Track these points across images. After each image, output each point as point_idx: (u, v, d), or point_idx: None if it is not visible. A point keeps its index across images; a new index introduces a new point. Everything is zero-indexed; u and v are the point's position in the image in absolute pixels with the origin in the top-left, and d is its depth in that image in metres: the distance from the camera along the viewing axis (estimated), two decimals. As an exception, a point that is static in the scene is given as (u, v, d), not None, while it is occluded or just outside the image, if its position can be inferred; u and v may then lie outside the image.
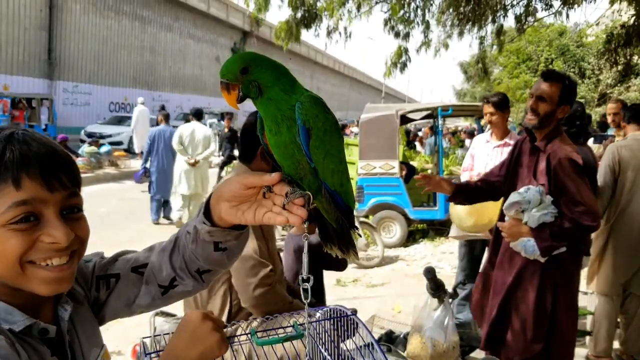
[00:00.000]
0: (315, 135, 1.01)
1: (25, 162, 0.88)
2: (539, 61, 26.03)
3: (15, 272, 0.90)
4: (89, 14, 22.75)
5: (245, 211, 0.99)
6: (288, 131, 1.01)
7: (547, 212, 2.58)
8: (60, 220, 0.91)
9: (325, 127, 1.03)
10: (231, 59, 1.02)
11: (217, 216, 1.02)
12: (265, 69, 1.02)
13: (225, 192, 0.99)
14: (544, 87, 2.86)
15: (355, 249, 1.17)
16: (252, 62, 1.01)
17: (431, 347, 2.02)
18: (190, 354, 0.96)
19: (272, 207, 0.98)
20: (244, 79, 1.00)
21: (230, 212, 1.00)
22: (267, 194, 0.99)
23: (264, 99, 1.01)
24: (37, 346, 0.93)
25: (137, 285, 1.13)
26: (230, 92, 1.00)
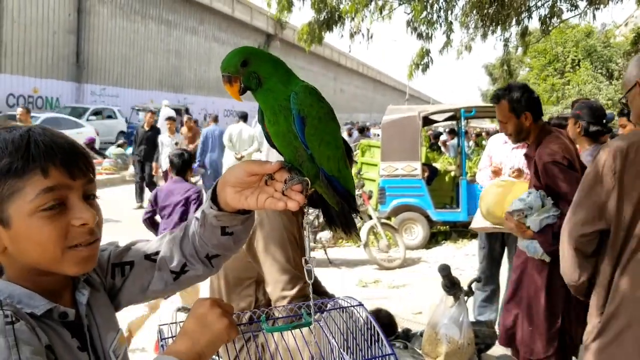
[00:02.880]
0: (309, 123, 1.06)
1: (50, 153, 0.95)
2: (565, 62, 25.69)
3: (54, 257, 0.97)
4: (116, 17, 23.16)
5: (248, 197, 1.05)
6: (285, 120, 1.06)
7: (549, 215, 2.59)
8: (84, 203, 0.99)
9: (320, 115, 1.07)
10: (231, 53, 1.08)
11: (223, 201, 1.08)
12: (263, 61, 1.07)
13: (230, 178, 1.06)
14: (497, 111, 3.01)
15: (357, 230, 1.23)
16: (251, 55, 1.07)
17: (446, 344, 2.05)
18: (201, 338, 1.00)
19: (273, 193, 1.04)
20: (245, 71, 1.06)
21: (235, 197, 1.06)
22: (269, 181, 1.05)
23: (263, 90, 1.07)
24: (58, 328, 0.99)
25: (151, 272, 1.18)
26: (233, 85, 1.06)
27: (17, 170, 0.93)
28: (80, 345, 1.02)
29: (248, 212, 1.12)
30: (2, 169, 0.93)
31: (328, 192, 1.15)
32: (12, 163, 0.93)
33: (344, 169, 1.15)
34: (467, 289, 2.36)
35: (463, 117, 8.19)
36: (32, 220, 0.94)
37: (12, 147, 0.94)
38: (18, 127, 1.00)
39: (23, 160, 0.93)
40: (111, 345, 1.11)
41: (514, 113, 2.92)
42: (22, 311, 0.94)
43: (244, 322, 1.27)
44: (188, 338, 1.00)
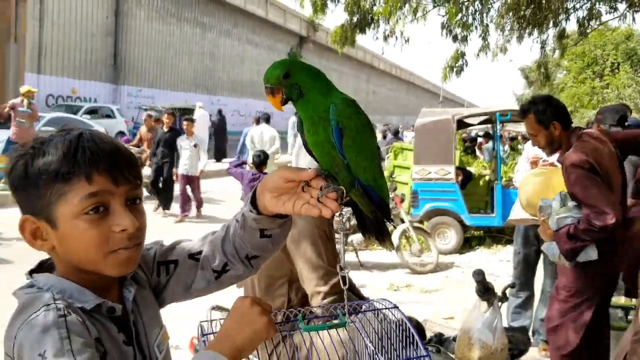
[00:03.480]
0: (347, 134, 1.09)
1: (95, 159, 0.99)
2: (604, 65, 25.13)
3: (96, 260, 1.01)
4: (152, 20, 23.58)
5: (285, 202, 1.09)
6: (324, 131, 1.11)
7: (567, 216, 2.61)
8: (125, 209, 1.02)
9: (357, 126, 1.11)
10: (273, 65, 1.13)
11: (262, 205, 1.11)
12: (304, 73, 1.12)
13: (268, 184, 1.09)
14: (526, 125, 3.09)
15: (390, 239, 1.27)
16: (293, 67, 1.11)
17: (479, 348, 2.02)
18: (241, 335, 1.02)
19: (309, 200, 1.07)
20: (286, 83, 1.10)
21: (273, 202, 1.09)
22: (305, 188, 1.08)
23: (303, 101, 1.12)
24: (106, 323, 1.03)
25: (194, 271, 1.21)
26: (275, 96, 1.11)
27: (63, 175, 0.98)
28: (126, 339, 1.06)
29: (286, 217, 1.15)
30: (51, 173, 0.98)
31: (363, 200, 1.18)
32: (59, 168, 0.98)
33: (379, 179, 1.18)
34: (501, 295, 2.33)
35: (498, 121, 8.07)
36: (76, 223, 0.99)
37: (60, 153, 0.99)
38: (73, 129, 1.05)
39: (69, 166, 0.98)
40: (155, 341, 1.15)
41: (542, 125, 2.98)
42: (73, 305, 0.99)
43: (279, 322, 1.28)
44: (229, 335, 1.03)
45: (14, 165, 1.03)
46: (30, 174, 1.00)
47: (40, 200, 1.00)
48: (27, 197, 1.02)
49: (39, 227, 1.03)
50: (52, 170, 0.98)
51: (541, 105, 3.00)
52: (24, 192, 1.02)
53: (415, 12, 9.41)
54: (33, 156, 1.00)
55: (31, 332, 0.91)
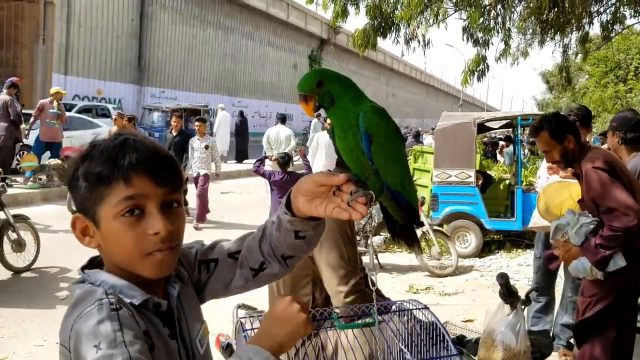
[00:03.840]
0: (376, 141, 1.15)
1: (133, 164, 1.05)
2: (628, 70, 24.82)
3: (133, 260, 1.08)
4: (176, 23, 23.88)
5: (317, 205, 1.13)
6: (353, 137, 1.16)
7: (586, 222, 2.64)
8: (160, 213, 1.07)
9: (386, 133, 1.17)
10: (307, 75, 1.20)
11: (296, 208, 1.16)
12: (336, 82, 1.18)
13: (302, 188, 1.14)
14: (538, 143, 3.12)
15: (419, 243, 1.33)
16: (326, 77, 1.18)
17: (502, 350, 2.09)
18: (281, 332, 1.09)
19: (340, 204, 1.12)
20: (319, 91, 1.17)
21: (306, 205, 1.14)
22: (337, 192, 1.13)
23: (335, 109, 1.18)
24: (152, 318, 1.10)
25: (233, 269, 1.29)
26: (308, 103, 1.18)
27: (104, 178, 1.05)
28: (170, 334, 1.13)
29: (319, 219, 1.20)
30: (94, 176, 1.06)
31: (392, 205, 1.24)
32: (102, 171, 1.05)
33: (407, 184, 1.24)
34: (524, 298, 2.39)
35: (520, 125, 8.08)
36: (114, 225, 1.06)
37: (104, 156, 1.06)
38: (123, 134, 1.12)
39: (110, 170, 1.05)
40: (197, 335, 1.22)
41: (557, 140, 3.02)
42: (123, 300, 1.06)
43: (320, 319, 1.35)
44: (270, 331, 1.10)
45: (68, 167, 1.12)
46: (78, 176, 1.08)
47: (86, 201, 1.07)
48: (77, 197, 1.10)
49: (87, 226, 1.10)
50: (95, 173, 1.05)
51: (554, 121, 3.07)
52: (74, 192, 1.10)
53: (436, 16, 9.45)
54: (83, 159, 1.08)
55: (86, 325, 0.97)
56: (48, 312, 5.15)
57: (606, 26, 10.01)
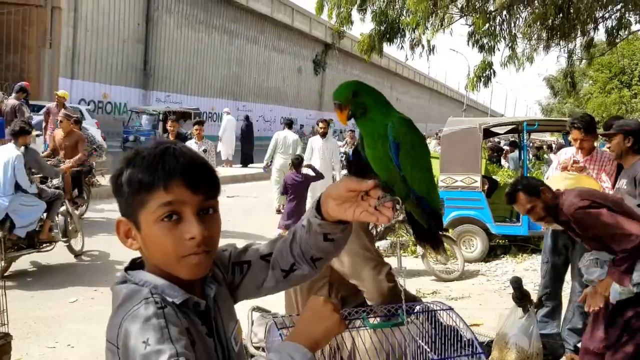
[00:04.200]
0: (403, 149, 1.23)
1: (172, 172, 1.12)
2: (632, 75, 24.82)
3: (170, 262, 1.14)
4: (181, 27, 23.99)
5: (347, 209, 1.19)
6: (382, 146, 1.24)
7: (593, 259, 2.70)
8: (196, 218, 1.13)
9: (412, 142, 1.25)
10: (344, 85, 1.28)
11: (325, 212, 1.22)
12: (369, 94, 1.27)
13: (332, 192, 1.21)
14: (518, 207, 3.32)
15: (444, 247, 1.37)
16: (360, 88, 1.26)
17: (515, 352, 2.13)
18: (317, 330, 1.15)
19: (368, 208, 1.19)
20: (354, 101, 1.25)
21: (335, 209, 1.20)
22: (365, 197, 1.19)
23: (365, 119, 1.26)
24: (192, 316, 1.16)
25: (265, 271, 1.35)
26: (342, 111, 1.26)
27: (145, 185, 1.11)
28: (207, 332, 1.19)
29: (347, 222, 1.26)
30: (136, 183, 1.12)
31: (417, 210, 1.31)
32: (143, 178, 1.11)
33: (432, 191, 1.31)
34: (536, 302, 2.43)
35: (525, 131, 8.11)
36: (154, 228, 1.12)
37: (146, 164, 1.12)
38: (164, 143, 1.18)
39: (151, 177, 1.11)
40: (232, 334, 1.28)
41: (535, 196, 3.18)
42: (166, 299, 1.12)
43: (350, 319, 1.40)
44: (306, 329, 1.15)
45: (114, 173, 1.18)
46: (122, 182, 1.14)
47: (129, 206, 1.14)
48: (120, 202, 1.16)
49: (130, 229, 1.16)
50: (137, 180, 1.12)
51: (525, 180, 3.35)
52: (118, 197, 1.17)
53: (442, 22, 9.50)
54: (126, 166, 1.15)
55: (135, 322, 1.03)
56: (57, 314, 5.21)
57: (611, 32, 10.04)
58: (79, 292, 5.85)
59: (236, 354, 1.27)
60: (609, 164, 4.50)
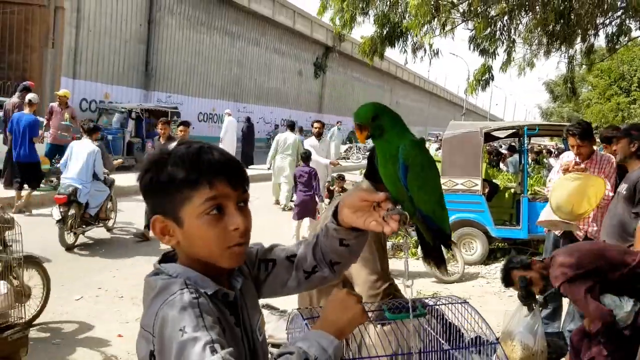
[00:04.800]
0: (411, 170, 1.32)
1: (215, 168, 1.19)
2: (631, 81, 24.93)
3: (214, 254, 1.21)
4: (183, 28, 24.04)
5: (359, 217, 1.28)
6: (392, 166, 1.34)
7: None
8: (237, 210, 1.21)
9: (421, 165, 1.34)
10: (366, 107, 1.39)
11: (341, 218, 1.32)
12: (388, 117, 1.37)
13: (347, 201, 1.30)
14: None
15: (445, 265, 1.52)
16: (381, 112, 1.37)
17: (521, 350, 2.18)
18: (342, 319, 1.22)
19: (377, 218, 1.27)
20: (373, 124, 1.35)
21: (349, 216, 1.30)
22: (376, 208, 1.28)
23: (382, 140, 1.37)
24: (221, 307, 1.22)
25: (289, 271, 1.42)
26: (362, 132, 1.37)
27: (190, 181, 1.17)
28: (235, 321, 1.25)
29: (361, 231, 1.34)
30: (179, 180, 1.18)
31: (423, 228, 1.42)
32: (188, 175, 1.17)
33: (438, 210, 1.40)
34: (542, 301, 2.49)
35: (526, 135, 8.19)
36: (198, 222, 1.19)
37: (188, 162, 1.18)
38: (192, 143, 1.25)
39: (195, 174, 1.17)
40: (257, 325, 1.35)
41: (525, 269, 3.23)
42: (199, 290, 1.18)
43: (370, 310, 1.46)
44: (331, 319, 1.22)
45: (145, 173, 1.23)
46: (160, 181, 1.19)
47: (169, 203, 1.19)
48: (157, 200, 1.21)
49: (167, 225, 1.21)
50: (180, 177, 1.17)
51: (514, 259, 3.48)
52: (154, 196, 1.22)
53: (444, 26, 9.57)
54: (162, 166, 1.20)
55: (171, 311, 1.08)
56: (63, 312, 5.26)
57: (612, 38, 10.12)
58: (84, 290, 5.90)
59: (260, 344, 1.34)
60: (608, 166, 4.57)
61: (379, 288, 2.35)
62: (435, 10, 8.76)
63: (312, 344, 1.12)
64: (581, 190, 4.05)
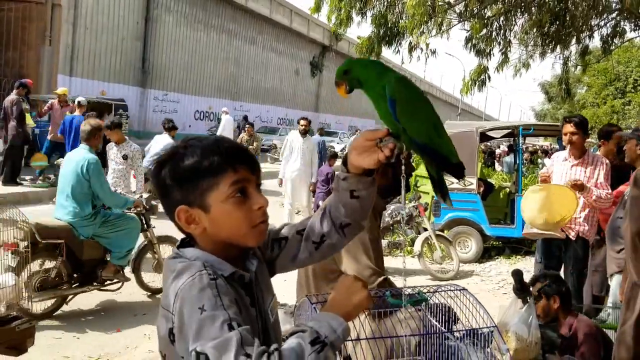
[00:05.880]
0: (399, 104, 1.39)
1: (235, 155, 1.29)
2: (626, 82, 25.08)
3: (243, 232, 1.29)
4: (180, 26, 24.05)
5: (365, 157, 1.36)
6: (384, 104, 1.41)
7: None
8: (259, 191, 1.32)
9: (407, 97, 1.41)
10: (340, 66, 1.49)
11: (350, 163, 1.39)
12: (361, 68, 1.47)
13: (354, 144, 1.39)
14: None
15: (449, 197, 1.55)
16: (352, 65, 1.47)
17: (515, 341, 2.26)
18: (349, 303, 1.29)
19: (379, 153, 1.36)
20: (347, 78, 1.46)
21: (356, 157, 1.37)
22: (379, 144, 1.36)
23: (366, 88, 1.45)
24: (237, 288, 1.28)
25: (299, 244, 1.49)
26: (339, 87, 1.48)
27: (214, 169, 1.26)
28: (251, 302, 1.33)
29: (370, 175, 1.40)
30: (203, 169, 1.26)
31: (425, 159, 1.48)
32: (211, 164, 1.26)
33: (435, 138, 1.46)
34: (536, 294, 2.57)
35: (521, 135, 8.27)
36: (225, 206, 1.27)
37: (209, 152, 1.27)
38: (207, 137, 1.34)
39: (219, 162, 1.26)
40: (269, 305, 1.41)
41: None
42: (216, 272, 1.24)
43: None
44: (339, 302, 1.29)
45: (161, 169, 1.31)
46: (181, 172, 1.27)
47: (194, 192, 1.27)
48: (180, 191, 1.28)
49: (192, 214, 1.28)
50: (204, 167, 1.25)
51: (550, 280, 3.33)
52: (177, 188, 1.28)
53: (440, 27, 9.64)
54: (182, 158, 1.27)
55: (191, 291, 1.15)
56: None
57: (606, 39, 10.21)
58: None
59: (272, 324, 1.41)
60: (601, 167, 4.60)
61: (373, 283, 2.40)
62: (432, 11, 8.84)
63: (323, 325, 1.18)
64: (547, 200, 4.17)
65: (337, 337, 1.18)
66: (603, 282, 4.66)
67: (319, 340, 1.13)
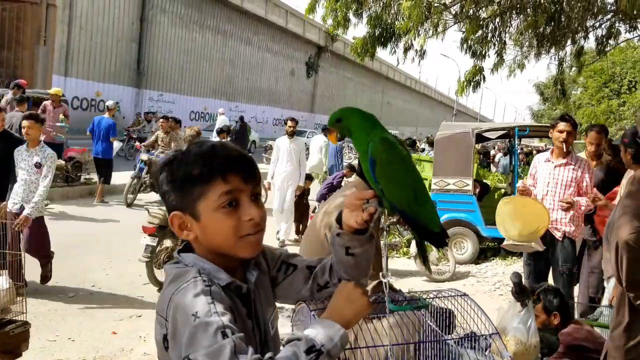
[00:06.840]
0: (379, 166, 1.38)
1: (228, 164, 1.25)
2: (622, 83, 25.16)
3: (232, 243, 1.26)
4: (175, 27, 24.01)
5: (354, 216, 1.35)
6: (366, 162, 1.40)
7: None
8: (252, 203, 1.27)
9: (388, 160, 1.38)
10: (333, 113, 1.49)
11: (343, 221, 1.38)
12: (354, 118, 1.45)
13: (346, 202, 1.38)
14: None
15: (428, 264, 1.63)
16: (346, 114, 1.46)
17: (514, 344, 2.25)
18: (348, 310, 1.27)
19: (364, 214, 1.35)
20: (339, 126, 1.46)
21: (347, 216, 1.37)
22: (363, 206, 1.36)
23: (354, 139, 1.45)
24: (234, 297, 1.26)
25: (307, 280, 1.47)
26: (330, 134, 1.51)
27: (204, 178, 1.23)
28: (247, 313, 1.30)
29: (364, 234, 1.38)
30: (194, 177, 1.23)
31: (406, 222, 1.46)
32: (202, 173, 1.23)
33: (414, 206, 1.43)
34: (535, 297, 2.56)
35: (517, 136, 8.28)
36: (215, 215, 1.24)
37: (201, 160, 1.24)
38: (206, 142, 1.31)
39: (208, 171, 1.23)
40: (270, 318, 1.39)
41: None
42: (212, 280, 1.23)
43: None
44: (338, 310, 1.27)
45: (161, 173, 1.29)
46: (176, 178, 1.25)
47: (186, 199, 1.24)
48: (174, 197, 1.26)
49: (185, 221, 1.26)
50: (194, 174, 1.22)
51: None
52: (172, 193, 1.27)
53: (436, 28, 9.64)
54: (178, 164, 1.25)
55: (185, 297, 1.14)
56: (57, 308, 5.28)
57: (601, 40, 10.24)
58: (77, 288, 5.91)
59: (272, 337, 1.39)
60: (587, 170, 4.59)
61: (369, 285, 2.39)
62: (427, 12, 8.84)
63: (319, 332, 1.17)
64: (517, 212, 4.18)
65: (335, 345, 1.16)
66: (599, 284, 4.67)
67: (315, 349, 1.12)
